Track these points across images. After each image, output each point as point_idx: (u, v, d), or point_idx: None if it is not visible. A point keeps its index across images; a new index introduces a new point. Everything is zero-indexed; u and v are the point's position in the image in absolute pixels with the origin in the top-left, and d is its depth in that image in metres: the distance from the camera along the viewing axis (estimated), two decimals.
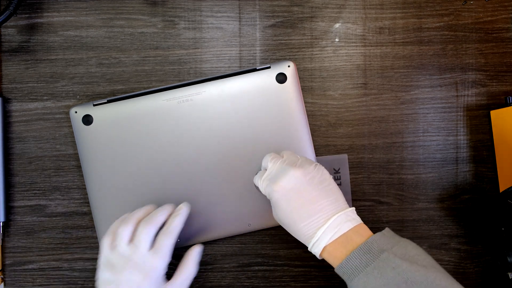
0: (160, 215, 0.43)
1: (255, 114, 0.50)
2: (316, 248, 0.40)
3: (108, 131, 0.50)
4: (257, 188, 0.49)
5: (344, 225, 0.40)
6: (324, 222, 0.40)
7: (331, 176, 0.43)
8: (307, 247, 0.42)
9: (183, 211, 0.44)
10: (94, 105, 0.50)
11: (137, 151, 0.50)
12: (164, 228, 0.43)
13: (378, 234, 0.39)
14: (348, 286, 0.38)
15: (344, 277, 0.39)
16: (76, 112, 0.50)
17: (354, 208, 0.42)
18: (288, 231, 0.43)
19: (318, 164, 0.44)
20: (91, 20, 0.53)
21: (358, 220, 0.41)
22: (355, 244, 0.39)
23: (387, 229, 0.40)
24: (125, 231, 0.42)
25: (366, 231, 0.40)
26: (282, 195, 0.41)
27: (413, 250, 0.38)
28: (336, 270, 0.39)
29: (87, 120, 0.50)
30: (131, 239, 0.42)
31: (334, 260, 0.39)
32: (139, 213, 0.44)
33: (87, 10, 0.53)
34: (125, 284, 0.40)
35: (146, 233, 0.41)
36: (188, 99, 0.50)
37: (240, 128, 0.50)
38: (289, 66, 0.50)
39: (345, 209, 0.41)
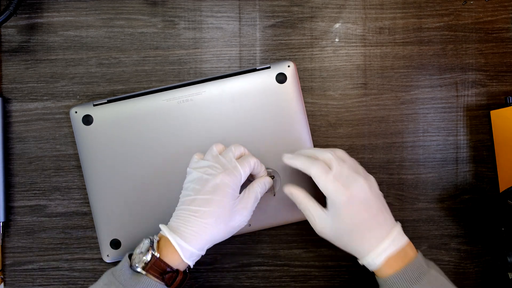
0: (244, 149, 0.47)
1: (255, 114, 0.50)
2: (378, 258, 0.41)
3: (108, 131, 0.50)
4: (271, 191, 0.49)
5: (402, 238, 0.42)
6: (387, 234, 0.42)
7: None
8: (308, 248, 0.42)
9: (268, 181, 0.48)
10: (94, 105, 0.50)
11: (137, 151, 0.50)
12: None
13: (420, 251, 0.43)
14: None
15: (394, 286, 0.41)
16: (76, 112, 0.50)
17: (400, 223, 0.44)
18: (340, 238, 0.43)
19: (371, 175, 0.46)
20: (91, 20, 0.53)
21: (404, 234, 0.43)
22: (410, 258, 0.41)
23: (418, 251, 0.44)
24: (216, 147, 0.46)
25: (413, 247, 0.43)
26: (354, 205, 0.42)
27: (440, 269, 0.43)
28: (387, 279, 0.41)
29: (87, 120, 0.50)
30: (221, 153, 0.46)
31: (389, 271, 0.41)
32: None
33: (87, 10, 0.53)
34: (212, 179, 0.43)
35: (236, 148, 0.45)
36: (188, 99, 0.50)
37: (240, 128, 0.50)
38: (289, 66, 0.50)
39: (397, 224, 0.43)
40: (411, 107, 0.54)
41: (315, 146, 0.53)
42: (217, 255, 0.53)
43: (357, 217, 0.42)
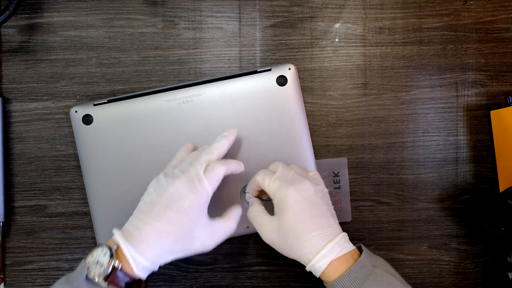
0: (220, 146, 0.45)
1: (255, 116, 0.50)
2: (323, 260, 0.41)
3: (108, 131, 0.50)
4: (245, 202, 0.49)
5: (347, 244, 0.42)
6: (332, 237, 0.41)
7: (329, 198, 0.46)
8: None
9: (233, 133, 0.47)
10: (94, 105, 0.50)
11: (137, 151, 0.50)
12: (221, 160, 0.45)
13: (364, 252, 0.42)
14: None
15: None
16: (76, 111, 0.50)
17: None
18: (284, 242, 0.42)
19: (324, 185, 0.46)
20: (91, 20, 0.53)
21: (351, 243, 0.43)
22: (355, 259, 0.41)
23: (363, 246, 0.43)
24: (188, 156, 0.44)
25: (356, 251, 0.43)
26: (298, 201, 0.42)
27: (388, 266, 0.43)
28: (333, 283, 0.40)
29: (87, 120, 0.50)
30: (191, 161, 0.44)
31: (334, 274, 0.41)
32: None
33: (87, 10, 0.53)
34: (174, 190, 0.41)
35: (205, 157, 0.43)
36: (188, 100, 0.50)
37: (239, 130, 0.50)
38: (289, 69, 0.50)
39: (342, 232, 0.43)
40: (411, 107, 0.54)
41: (315, 146, 0.53)
42: (217, 255, 0.53)
43: (301, 215, 0.41)
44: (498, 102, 0.54)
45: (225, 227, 0.44)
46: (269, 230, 0.43)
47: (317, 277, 0.42)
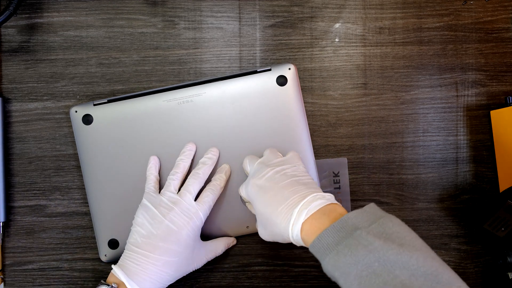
0: (206, 170, 0.47)
1: (255, 116, 0.50)
2: (295, 230, 0.37)
3: (108, 131, 0.50)
4: (243, 203, 0.50)
5: (320, 202, 0.37)
6: (300, 200, 0.38)
7: (307, 172, 0.43)
8: (306, 250, 0.42)
9: (227, 170, 0.49)
10: (94, 104, 0.50)
11: (137, 151, 0.50)
12: (209, 184, 0.47)
13: (356, 211, 0.36)
14: (322, 266, 0.35)
15: (317, 256, 0.36)
16: (76, 111, 0.50)
17: (332, 195, 0.40)
18: (268, 233, 0.42)
19: (299, 163, 0.44)
20: (91, 20, 0.53)
21: (333, 200, 0.39)
22: (331, 221, 0.36)
23: (371, 204, 0.37)
24: (175, 180, 0.46)
25: (342, 209, 0.38)
26: (257, 190, 0.42)
27: (394, 227, 0.34)
28: (310, 249, 0.36)
29: (87, 119, 0.50)
30: (179, 189, 0.46)
31: (309, 239, 0.36)
32: (185, 162, 0.48)
33: (87, 10, 0.53)
34: (169, 223, 0.43)
35: (194, 186, 0.46)
36: (188, 100, 0.50)
37: (239, 130, 0.50)
38: (289, 69, 0.50)
39: (321, 192, 0.39)
40: (411, 107, 0.54)
41: (315, 146, 0.53)
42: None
43: (264, 198, 0.41)
44: (498, 102, 0.54)
45: (216, 249, 0.49)
46: (259, 230, 0.44)
47: (305, 246, 0.38)
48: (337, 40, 0.54)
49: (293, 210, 0.38)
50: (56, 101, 0.53)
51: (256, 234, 0.45)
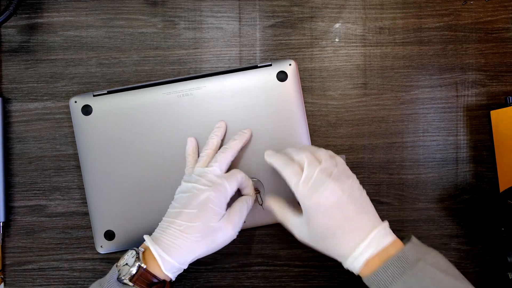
0: (235, 144, 0.48)
1: (254, 111, 0.50)
2: (357, 262, 0.40)
3: (107, 122, 0.50)
4: (260, 199, 0.49)
5: (383, 239, 0.41)
6: (365, 236, 0.40)
7: (362, 188, 0.44)
8: (308, 248, 0.42)
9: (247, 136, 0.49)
10: (94, 95, 0.50)
11: (135, 143, 0.50)
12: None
13: (410, 243, 0.40)
14: None
15: (379, 285, 0.39)
16: (75, 102, 0.50)
17: (387, 222, 0.43)
18: (318, 244, 0.42)
19: (353, 175, 0.44)
20: (91, 20, 0.53)
21: (392, 234, 0.42)
22: (390, 255, 0.40)
23: (414, 238, 0.42)
24: (204, 157, 0.47)
25: (399, 243, 0.41)
26: (324, 210, 0.41)
27: (442, 260, 0.40)
28: (369, 278, 0.40)
29: (87, 110, 0.50)
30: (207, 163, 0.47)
31: (368, 271, 0.40)
32: (213, 139, 0.49)
33: (87, 10, 0.53)
34: (199, 194, 0.44)
35: (221, 158, 0.46)
36: (188, 93, 0.50)
37: (239, 124, 0.50)
38: (290, 65, 0.50)
39: (381, 224, 0.42)
40: (411, 107, 0.54)
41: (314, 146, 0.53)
42: (217, 255, 0.53)
43: (328, 222, 0.41)
44: (498, 102, 0.54)
45: (239, 213, 0.46)
46: (300, 231, 0.44)
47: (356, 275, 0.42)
48: (337, 40, 0.54)
49: (358, 245, 0.40)
50: (56, 101, 0.53)
51: (257, 234, 0.45)
